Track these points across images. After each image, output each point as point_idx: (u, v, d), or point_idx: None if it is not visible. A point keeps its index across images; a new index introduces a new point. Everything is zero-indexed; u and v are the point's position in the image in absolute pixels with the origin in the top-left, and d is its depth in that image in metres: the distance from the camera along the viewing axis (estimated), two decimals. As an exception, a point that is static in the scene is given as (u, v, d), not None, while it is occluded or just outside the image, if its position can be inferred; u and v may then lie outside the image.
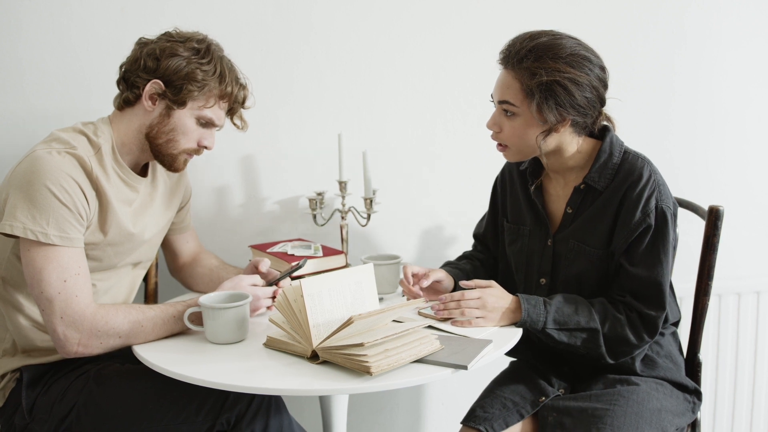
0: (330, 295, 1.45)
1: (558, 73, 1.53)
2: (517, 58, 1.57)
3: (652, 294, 1.58)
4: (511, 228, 1.82)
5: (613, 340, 1.58)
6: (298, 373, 1.36)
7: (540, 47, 1.56)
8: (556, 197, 1.74)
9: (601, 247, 1.63)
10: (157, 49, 1.59)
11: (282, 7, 2.12)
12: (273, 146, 2.17)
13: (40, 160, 1.48)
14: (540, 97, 1.54)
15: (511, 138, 1.63)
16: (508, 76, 1.60)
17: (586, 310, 1.60)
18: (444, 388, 2.45)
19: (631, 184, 1.60)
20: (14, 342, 1.61)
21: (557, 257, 1.70)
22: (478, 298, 1.60)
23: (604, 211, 1.63)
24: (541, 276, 1.73)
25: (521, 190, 1.80)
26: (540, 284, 1.73)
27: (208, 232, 2.15)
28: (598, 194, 1.64)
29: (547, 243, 1.72)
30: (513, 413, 1.60)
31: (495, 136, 1.67)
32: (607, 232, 1.63)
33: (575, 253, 1.66)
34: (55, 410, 1.54)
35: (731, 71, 2.42)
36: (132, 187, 1.65)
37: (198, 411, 1.51)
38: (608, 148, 1.65)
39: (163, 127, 1.61)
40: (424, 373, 1.34)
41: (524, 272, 1.77)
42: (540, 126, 1.59)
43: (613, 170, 1.63)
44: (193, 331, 1.56)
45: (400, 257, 1.91)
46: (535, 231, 1.75)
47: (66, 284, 1.46)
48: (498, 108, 1.63)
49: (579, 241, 1.66)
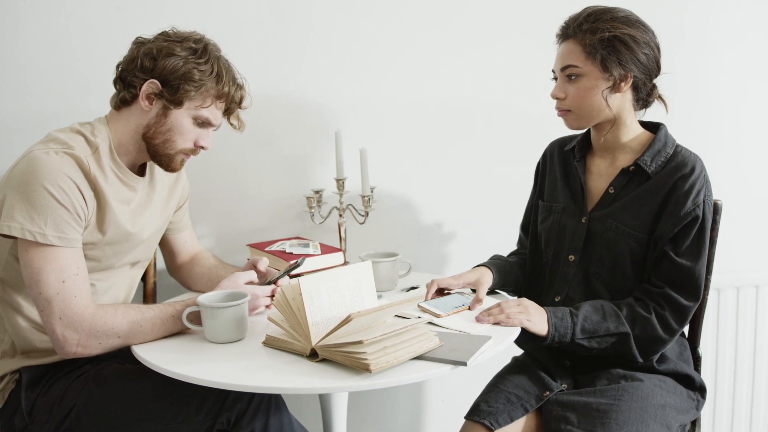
0: (328, 292, 1.45)
1: (617, 29, 1.61)
2: (574, 26, 1.65)
3: (691, 285, 1.61)
4: (544, 206, 1.86)
5: (644, 341, 1.61)
6: (297, 372, 1.36)
7: (596, 11, 1.65)
8: (598, 176, 1.77)
9: (641, 230, 1.66)
10: (154, 49, 1.59)
11: (280, 5, 2.12)
12: (271, 144, 2.17)
13: (37, 161, 1.47)
14: (604, 51, 1.62)
15: (576, 99, 1.67)
16: (568, 45, 1.67)
17: (614, 316, 1.62)
18: (443, 385, 2.45)
19: (683, 175, 1.63)
20: (13, 343, 1.61)
21: (591, 235, 1.72)
22: (518, 304, 1.63)
23: (651, 196, 1.65)
24: (570, 252, 1.75)
25: (560, 168, 1.85)
26: (569, 261, 1.75)
27: (206, 231, 2.15)
28: (645, 178, 1.67)
29: (581, 220, 1.74)
30: (517, 407, 1.61)
31: (559, 104, 1.71)
32: (651, 217, 1.65)
33: (612, 233, 1.68)
34: (55, 411, 1.54)
35: (729, 66, 2.42)
36: (130, 186, 1.65)
37: (198, 410, 1.51)
38: (663, 137, 1.71)
39: (160, 127, 1.61)
40: (424, 370, 1.34)
41: (553, 248, 1.80)
42: (604, 82, 1.64)
43: (666, 158, 1.67)
44: (192, 330, 1.56)
45: (398, 254, 1.91)
46: (570, 207, 1.78)
47: (64, 285, 1.46)
48: (561, 76, 1.69)
49: (617, 221, 1.68)
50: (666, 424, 1.55)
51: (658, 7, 2.34)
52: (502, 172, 2.31)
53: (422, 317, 1.59)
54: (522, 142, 1.89)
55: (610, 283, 1.70)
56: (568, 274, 1.75)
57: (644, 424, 1.51)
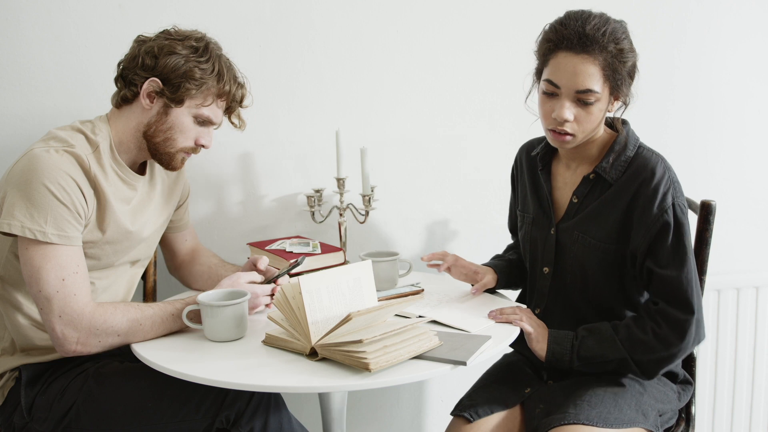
0: (328, 292, 1.45)
1: (634, 52, 1.55)
2: (593, 40, 1.50)
3: (681, 297, 1.54)
4: (519, 215, 1.82)
5: (646, 362, 1.56)
6: (297, 371, 1.36)
7: (615, 29, 1.53)
8: (563, 185, 1.70)
9: (607, 240, 1.60)
10: (155, 47, 1.59)
11: (281, 3, 2.12)
12: (271, 143, 2.17)
13: (37, 159, 1.47)
14: (628, 77, 1.55)
15: (586, 125, 1.56)
16: (585, 63, 1.51)
17: (609, 342, 1.57)
18: (443, 384, 2.45)
19: (644, 180, 1.55)
20: (13, 341, 1.61)
21: (560, 247, 1.67)
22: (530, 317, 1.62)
23: (613, 204, 1.59)
24: (544, 265, 1.71)
25: (528, 176, 1.78)
26: (543, 273, 1.71)
27: (207, 229, 2.15)
28: (607, 186, 1.61)
29: (550, 232, 1.69)
30: (499, 402, 1.61)
31: (562, 126, 1.57)
32: (615, 226, 1.59)
33: (579, 245, 1.63)
34: (55, 409, 1.54)
35: (730, 66, 2.42)
36: (130, 185, 1.65)
37: (197, 409, 1.51)
38: (623, 139, 1.61)
39: (160, 125, 1.61)
40: (423, 370, 1.34)
41: (529, 259, 1.76)
42: (607, 103, 1.57)
43: (626, 163, 1.59)
44: (191, 329, 1.56)
45: (399, 254, 1.91)
46: (539, 219, 1.72)
47: (64, 283, 1.46)
48: (571, 96, 1.54)
49: (583, 232, 1.63)
50: (641, 411, 1.55)
51: (660, 7, 2.34)
52: (503, 170, 2.31)
53: (423, 316, 1.59)
54: (524, 140, 1.89)
55: (587, 295, 1.66)
56: (544, 287, 1.73)
57: (617, 407, 1.52)
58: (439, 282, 1.94)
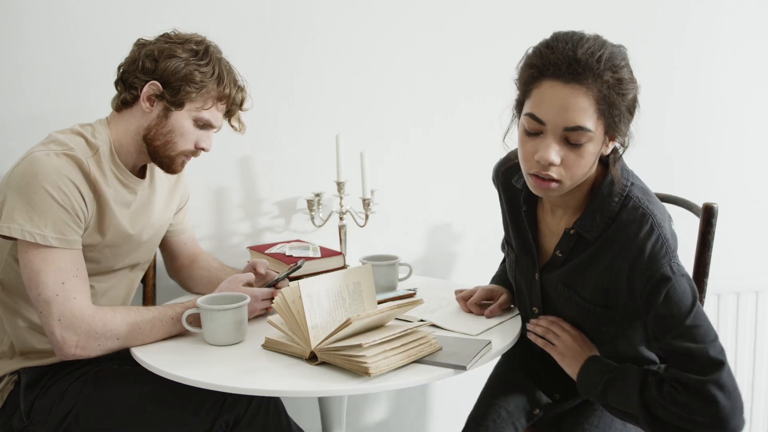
0: (328, 296, 1.45)
1: (635, 83, 1.32)
2: (585, 67, 1.25)
3: (700, 363, 1.27)
4: (505, 239, 1.67)
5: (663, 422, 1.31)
6: (296, 375, 1.35)
7: (613, 54, 1.28)
8: (548, 232, 1.51)
9: (594, 301, 1.42)
10: (155, 51, 1.59)
11: (281, 9, 2.12)
12: (271, 147, 2.17)
13: (37, 162, 1.47)
14: (627, 113, 1.31)
15: (577, 171, 1.32)
16: (576, 94, 1.26)
17: (635, 398, 1.33)
18: (443, 389, 2.45)
19: (626, 241, 1.33)
20: (12, 344, 1.61)
21: (547, 294, 1.52)
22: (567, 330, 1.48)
23: (594, 264, 1.40)
24: (533, 305, 1.58)
25: (508, 207, 1.60)
26: (533, 312, 1.58)
27: (207, 233, 2.15)
28: (589, 243, 1.41)
29: (535, 277, 1.53)
30: (508, 425, 1.54)
31: (547, 170, 1.32)
32: (599, 287, 1.41)
33: (565, 299, 1.47)
34: (54, 413, 1.54)
35: (730, 67, 2.41)
36: (130, 188, 1.65)
37: (196, 413, 1.51)
38: (607, 187, 1.38)
39: (160, 128, 1.61)
40: (423, 374, 1.34)
41: (516, 295, 1.65)
42: (601, 144, 1.32)
43: (609, 219, 1.37)
44: (191, 332, 1.56)
45: (398, 258, 1.91)
46: (522, 261, 1.56)
47: (64, 286, 1.46)
48: (558, 136, 1.29)
49: (568, 287, 1.46)
50: None
51: (660, 8, 2.34)
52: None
53: (423, 320, 1.59)
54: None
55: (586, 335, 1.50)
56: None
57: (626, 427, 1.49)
58: (439, 286, 1.94)
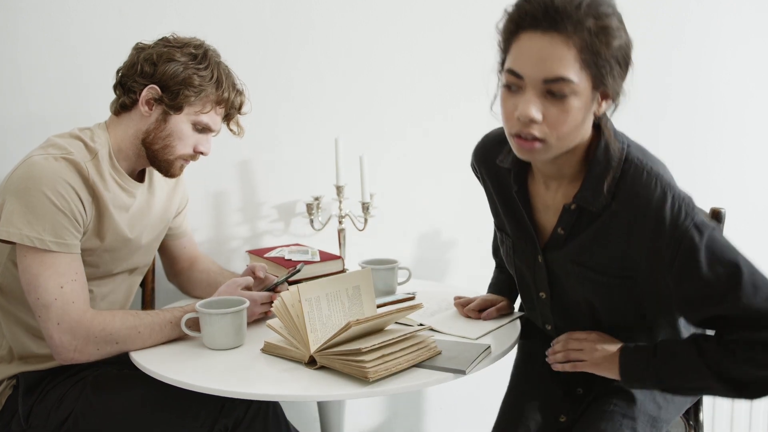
0: (327, 300, 1.45)
1: (624, 33, 1.20)
2: (564, 14, 1.16)
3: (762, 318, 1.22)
4: (496, 230, 1.55)
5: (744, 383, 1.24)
6: (295, 379, 1.35)
7: (595, 1, 1.18)
8: (544, 208, 1.40)
9: (609, 273, 1.33)
10: (154, 54, 1.59)
11: (280, 13, 2.12)
12: (270, 151, 2.17)
13: (36, 166, 1.47)
14: (617, 64, 1.20)
15: (562, 128, 1.21)
16: (554, 43, 1.16)
17: (703, 370, 1.26)
18: (442, 392, 2.44)
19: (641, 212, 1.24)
20: (11, 348, 1.60)
21: (554, 276, 1.42)
22: (584, 338, 1.41)
23: (606, 237, 1.30)
24: (539, 291, 1.47)
25: (496, 190, 1.48)
26: (540, 298, 1.48)
27: (205, 237, 2.15)
28: (595, 216, 1.31)
29: (538, 260, 1.42)
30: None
31: (529, 128, 1.22)
32: (615, 259, 1.31)
33: (575, 277, 1.37)
34: (52, 417, 1.53)
35: (730, 67, 2.41)
36: (129, 192, 1.65)
37: (195, 417, 1.50)
38: (603, 155, 1.28)
39: (159, 132, 1.61)
40: (422, 378, 1.34)
41: (519, 284, 1.56)
42: (591, 102, 1.22)
43: (612, 187, 1.27)
44: (190, 336, 1.56)
45: (398, 261, 1.91)
46: (521, 245, 1.45)
47: (63, 290, 1.46)
48: (538, 89, 1.20)
49: (577, 264, 1.36)
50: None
51: (660, 8, 2.34)
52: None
53: (423, 324, 1.59)
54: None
55: (599, 321, 1.42)
56: (545, 307, 1.49)
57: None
58: (439, 289, 1.94)
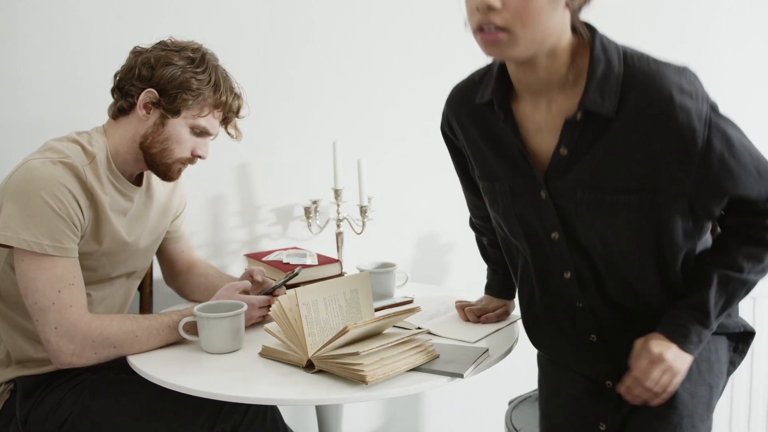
0: (325, 303, 1.45)
1: None
2: None
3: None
4: (485, 186, 1.39)
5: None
6: (293, 383, 1.35)
7: None
8: (537, 130, 1.25)
9: (627, 188, 1.19)
10: (151, 58, 1.59)
11: (279, 13, 2.12)
12: (268, 154, 2.17)
13: (34, 170, 1.47)
14: None
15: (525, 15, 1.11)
16: None
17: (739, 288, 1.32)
18: (440, 396, 2.44)
19: (652, 102, 1.14)
20: (8, 353, 1.60)
21: (562, 211, 1.26)
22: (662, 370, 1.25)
23: (626, 144, 1.18)
24: (550, 231, 1.30)
25: (480, 134, 1.34)
26: (553, 240, 1.30)
27: (203, 240, 2.15)
28: (606, 123, 1.18)
29: (541, 196, 1.27)
30: None
31: (489, 17, 1.13)
32: (635, 172, 1.19)
33: (588, 205, 1.23)
34: (50, 421, 1.53)
35: (731, 67, 2.41)
36: (127, 196, 1.65)
37: (193, 421, 1.50)
38: (601, 52, 1.17)
39: (157, 136, 1.61)
40: (420, 382, 1.34)
41: (523, 235, 1.35)
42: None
43: (618, 83, 1.17)
44: (188, 340, 1.55)
45: (396, 265, 1.91)
46: (518, 185, 1.30)
47: (60, 294, 1.45)
48: None
49: (587, 189, 1.22)
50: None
51: (660, 8, 2.34)
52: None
53: (421, 328, 1.59)
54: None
55: (621, 266, 1.27)
56: (561, 249, 1.32)
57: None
58: (437, 293, 1.94)
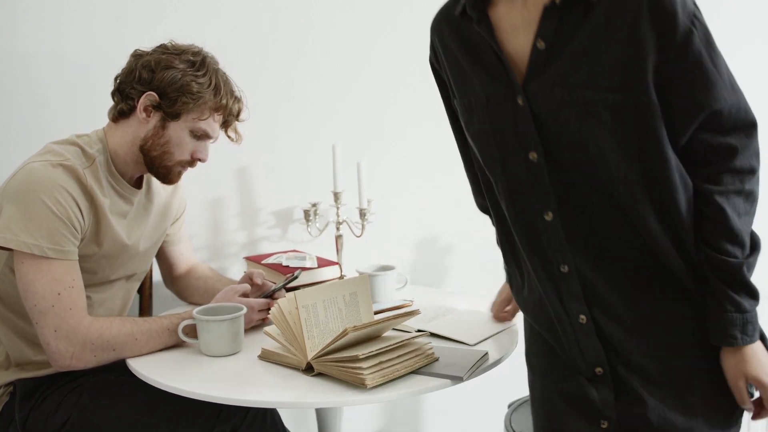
0: (325, 306, 1.45)
1: None
2: None
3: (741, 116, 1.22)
4: (462, 105, 1.25)
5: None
6: (292, 386, 1.35)
7: None
8: (513, 31, 1.15)
9: (610, 88, 1.07)
10: (152, 61, 1.59)
11: (279, 17, 2.13)
12: (268, 157, 2.17)
13: (34, 173, 1.47)
14: None
15: None
16: None
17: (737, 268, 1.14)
18: (439, 398, 2.44)
19: None
20: (8, 355, 1.60)
21: (542, 124, 1.12)
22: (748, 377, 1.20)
23: (608, 31, 1.07)
24: (527, 150, 1.15)
25: (459, 46, 1.23)
26: (529, 160, 1.15)
27: (203, 243, 2.15)
28: (587, 7, 1.08)
29: (518, 102, 1.13)
30: None
31: None
32: (619, 65, 1.07)
33: (568, 111, 1.10)
34: (49, 424, 1.53)
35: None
36: (126, 199, 1.65)
37: (192, 424, 1.50)
38: None
39: (157, 139, 1.61)
40: (420, 385, 1.34)
41: (498, 160, 1.19)
42: None
43: None
44: (187, 343, 1.56)
45: (395, 268, 1.91)
46: (494, 93, 1.17)
47: (60, 297, 1.45)
48: None
49: (568, 87, 1.09)
50: None
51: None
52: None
53: (421, 330, 1.59)
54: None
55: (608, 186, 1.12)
56: (541, 178, 1.15)
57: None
58: (436, 296, 1.94)
